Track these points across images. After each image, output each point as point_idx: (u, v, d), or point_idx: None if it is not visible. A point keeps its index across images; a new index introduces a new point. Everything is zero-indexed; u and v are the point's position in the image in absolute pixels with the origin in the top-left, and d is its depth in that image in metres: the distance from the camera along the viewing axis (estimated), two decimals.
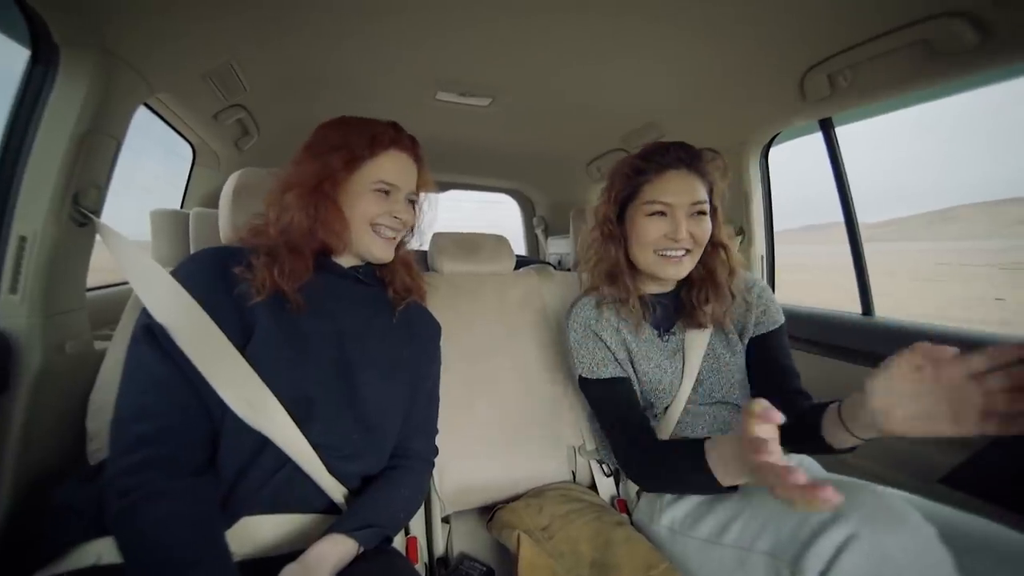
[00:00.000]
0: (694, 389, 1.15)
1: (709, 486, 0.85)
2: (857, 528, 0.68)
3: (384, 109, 1.92)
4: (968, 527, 0.82)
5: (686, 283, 1.18)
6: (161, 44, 1.19)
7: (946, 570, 0.66)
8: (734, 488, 0.86)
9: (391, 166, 0.95)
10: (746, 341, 1.19)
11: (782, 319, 1.18)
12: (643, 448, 1.04)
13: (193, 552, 0.67)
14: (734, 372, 1.17)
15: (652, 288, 1.20)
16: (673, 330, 1.20)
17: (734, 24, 1.28)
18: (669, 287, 1.21)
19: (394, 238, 0.99)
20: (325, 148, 0.92)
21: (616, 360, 1.16)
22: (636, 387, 1.16)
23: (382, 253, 0.98)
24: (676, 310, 1.20)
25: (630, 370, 1.17)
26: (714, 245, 1.14)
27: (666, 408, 1.16)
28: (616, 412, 1.12)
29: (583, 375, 1.17)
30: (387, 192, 0.95)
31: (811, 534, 0.73)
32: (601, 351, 1.16)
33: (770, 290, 1.22)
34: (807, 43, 1.33)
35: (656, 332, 1.19)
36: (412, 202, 1.02)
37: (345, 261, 1.00)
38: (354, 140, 0.92)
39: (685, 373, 1.16)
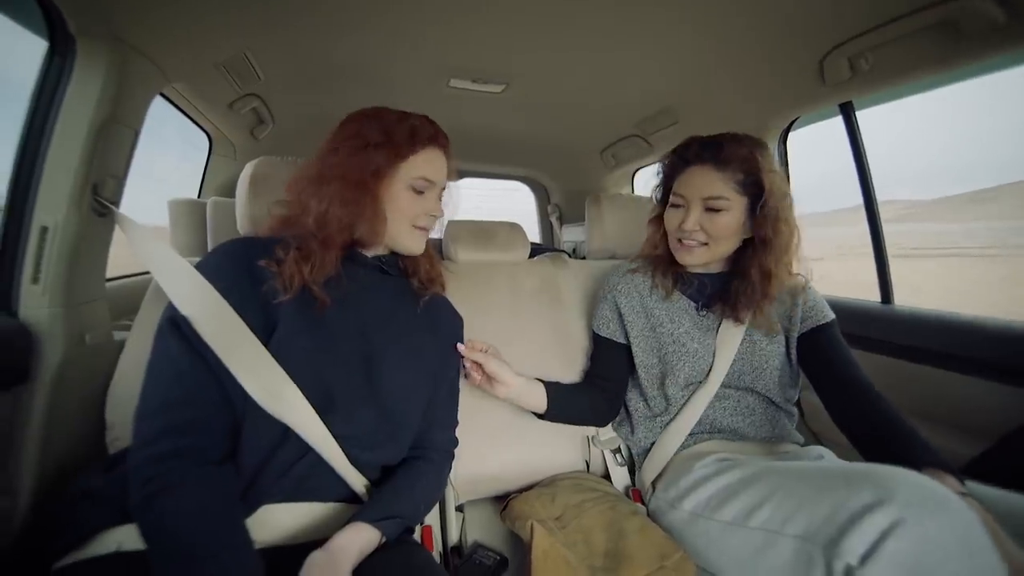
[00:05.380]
0: None
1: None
2: (902, 513, 0.68)
3: (398, 96, 1.92)
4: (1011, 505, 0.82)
5: (737, 275, 1.17)
6: (175, 33, 1.19)
7: (989, 555, 0.66)
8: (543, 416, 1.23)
9: (429, 164, 0.95)
10: (795, 336, 1.18)
11: (832, 315, 1.18)
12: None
13: (215, 540, 0.68)
14: (767, 359, 1.17)
15: (698, 267, 1.24)
16: (713, 308, 1.22)
17: (751, 7, 1.25)
18: (716, 268, 1.24)
19: (428, 230, 1.01)
20: (367, 141, 0.91)
21: (623, 327, 1.29)
22: (657, 351, 1.23)
23: (418, 246, 1.00)
24: (720, 292, 1.21)
25: (645, 333, 1.25)
26: (760, 241, 1.12)
27: (701, 383, 1.18)
28: (595, 359, 1.36)
29: (592, 327, 1.37)
30: (423, 190, 0.95)
31: (850, 518, 0.72)
32: (611, 313, 1.31)
33: (816, 290, 1.23)
34: (826, 25, 1.29)
35: (695, 305, 1.24)
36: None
37: (370, 251, 1.00)
38: (396, 135, 0.91)
39: (719, 353, 1.17)
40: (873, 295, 1.66)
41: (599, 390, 1.30)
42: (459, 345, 1.12)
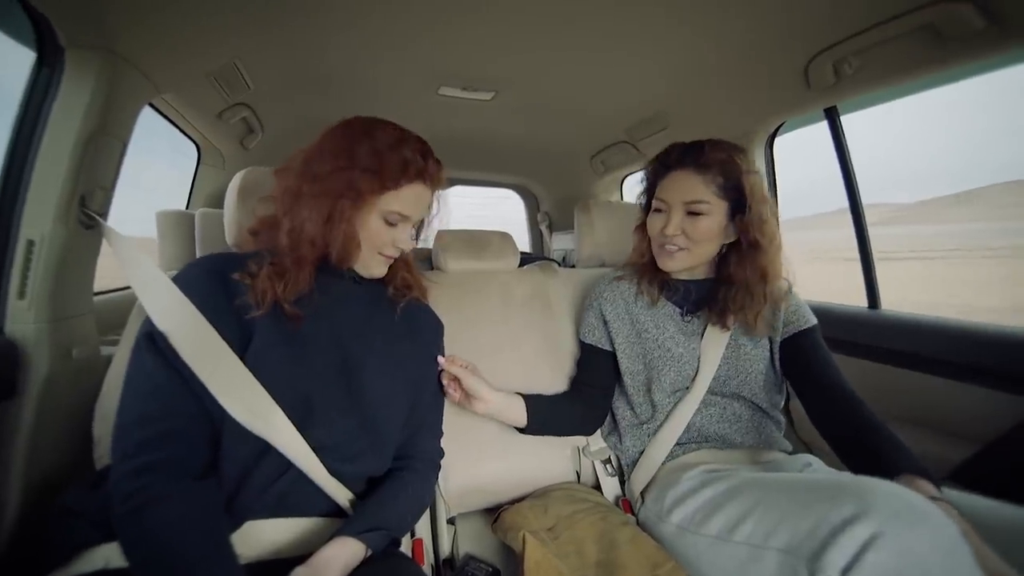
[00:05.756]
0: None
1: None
2: (882, 526, 0.68)
3: (387, 105, 1.92)
4: (996, 514, 0.82)
5: (723, 281, 1.19)
6: (165, 43, 1.19)
7: (969, 566, 0.66)
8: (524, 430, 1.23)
9: (410, 199, 0.92)
10: (778, 340, 1.20)
11: (814, 320, 1.20)
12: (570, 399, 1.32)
13: (199, 554, 0.67)
14: (752, 363, 1.18)
15: (683, 273, 1.25)
16: (698, 314, 1.24)
17: (737, 13, 1.27)
18: (700, 275, 1.25)
19: (392, 258, 0.98)
20: (354, 163, 0.87)
21: (608, 334, 1.30)
22: (642, 358, 1.24)
23: (379, 271, 0.98)
24: (706, 299, 1.23)
25: (631, 340, 1.26)
26: (750, 245, 1.14)
27: (687, 389, 1.19)
28: (582, 368, 1.37)
29: (579, 334, 1.38)
30: (396, 223, 0.93)
31: (831, 532, 0.72)
32: (596, 321, 1.33)
33: (798, 295, 1.25)
34: (811, 31, 1.31)
35: (679, 311, 1.25)
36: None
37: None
38: (386, 165, 0.87)
39: (704, 359, 1.18)
40: (833, 299, 1.70)
41: (585, 397, 1.32)
42: (440, 358, 1.11)
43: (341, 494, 0.87)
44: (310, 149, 0.92)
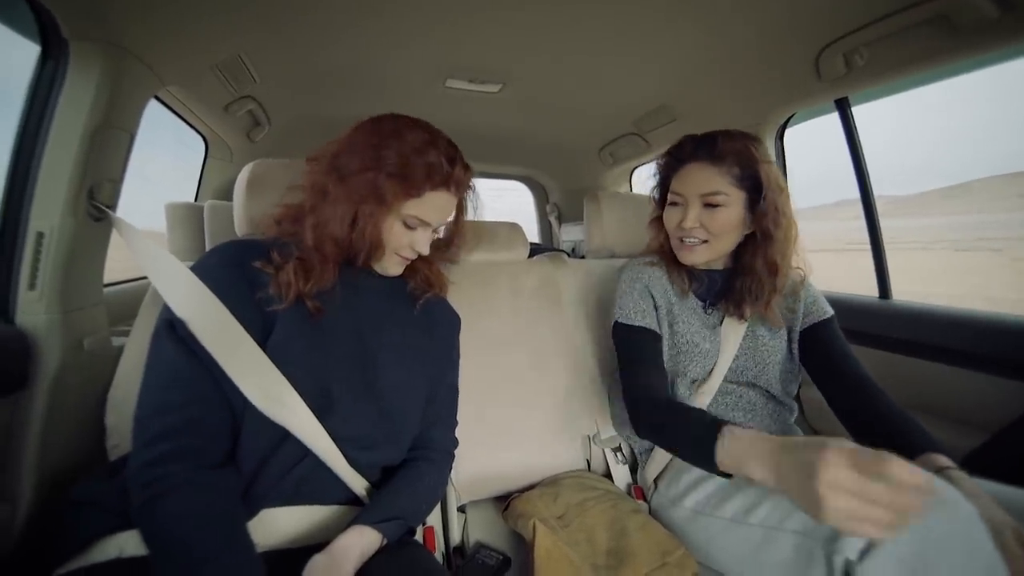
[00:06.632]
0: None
1: (705, 464, 0.84)
2: None
3: (393, 96, 1.91)
4: (1008, 499, 0.82)
5: (739, 271, 1.17)
6: (169, 36, 1.19)
7: (988, 549, 0.66)
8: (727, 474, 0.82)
9: (431, 207, 0.91)
10: (797, 332, 1.20)
11: (831, 311, 1.20)
12: (654, 398, 1.05)
13: (217, 544, 0.67)
14: (770, 354, 1.18)
15: (704, 264, 1.23)
16: (718, 306, 1.22)
17: (747, 5, 1.26)
18: (720, 265, 1.24)
19: (409, 260, 0.98)
20: (381, 166, 0.85)
21: (656, 316, 1.20)
22: (669, 350, 1.20)
23: (395, 271, 0.98)
24: (724, 289, 1.21)
25: (666, 329, 1.21)
26: (763, 235, 1.12)
27: (704, 380, 1.18)
28: (638, 355, 1.16)
29: (619, 320, 1.21)
30: (415, 227, 0.92)
31: None
32: (645, 302, 1.20)
33: (814, 285, 1.24)
34: (821, 21, 1.30)
35: (701, 304, 1.23)
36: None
37: None
38: (412, 171, 0.86)
39: (723, 349, 1.17)
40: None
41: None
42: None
43: (357, 483, 0.87)
44: (340, 143, 0.90)
